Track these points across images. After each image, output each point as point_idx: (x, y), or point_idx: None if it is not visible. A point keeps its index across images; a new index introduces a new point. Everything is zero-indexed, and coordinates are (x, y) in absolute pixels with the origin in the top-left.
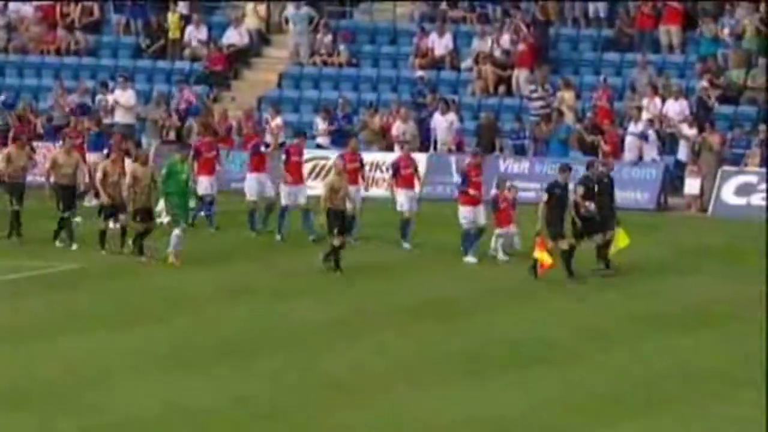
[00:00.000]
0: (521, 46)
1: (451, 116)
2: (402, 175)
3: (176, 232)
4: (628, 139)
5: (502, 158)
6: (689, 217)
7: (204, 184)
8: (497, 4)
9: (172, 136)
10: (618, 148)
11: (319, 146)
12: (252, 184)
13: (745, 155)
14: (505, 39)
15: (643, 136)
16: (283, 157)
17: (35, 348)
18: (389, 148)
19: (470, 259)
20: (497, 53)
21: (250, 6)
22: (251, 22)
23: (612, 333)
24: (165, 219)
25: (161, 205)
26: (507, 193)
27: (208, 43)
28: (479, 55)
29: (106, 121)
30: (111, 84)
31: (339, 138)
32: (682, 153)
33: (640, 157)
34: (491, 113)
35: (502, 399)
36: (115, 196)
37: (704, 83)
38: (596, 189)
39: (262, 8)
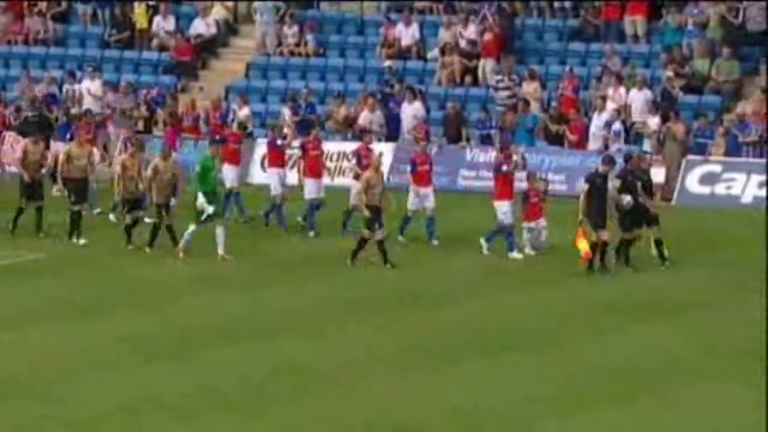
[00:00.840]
0: (487, 37)
1: (418, 105)
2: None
3: (219, 230)
4: (593, 129)
5: (469, 148)
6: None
7: (230, 176)
8: None
9: (140, 126)
10: (583, 138)
11: (284, 136)
12: (273, 179)
13: (709, 145)
14: (472, 29)
15: (608, 126)
16: (300, 152)
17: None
18: (356, 138)
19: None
20: (463, 43)
21: None
22: (218, 13)
23: (584, 321)
24: (209, 209)
25: (201, 199)
26: (538, 186)
27: (176, 33)
28: (446, 46)
29: (74, 110)
30: (79, 74)
31: (303, 128)
32: (647, 143)
33: (606, 147)
34: (458, 103)
35: (476, 386)
36: (133, 190)
37: (669, 73)
38: (635, 183)
39: None
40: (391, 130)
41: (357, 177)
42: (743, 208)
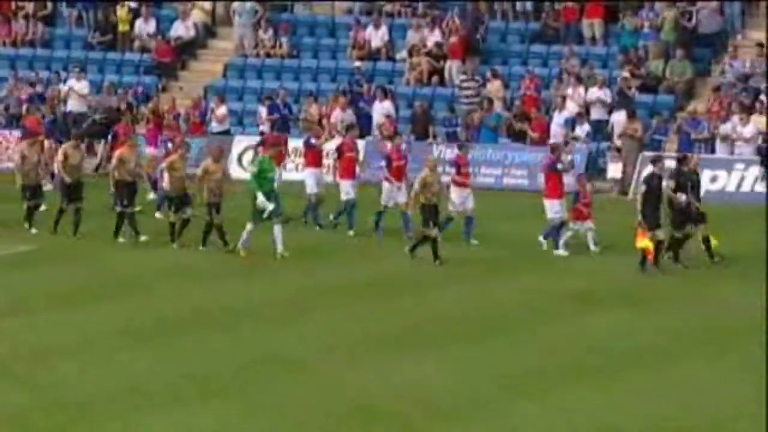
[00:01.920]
0: (453, 39)
1: (387, 104)
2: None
3: (251, 227)
4: (554, 127)
5: (435, 145)
6: (611, 200)
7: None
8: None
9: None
10: (544, 135)
11: (262, 133)
12: (310, 179)
13: (664, 141)
14: (438, 32)
15: (569, 123)
16: (336, 153)
17: None
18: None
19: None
20: (430, 45)
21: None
22: (197, 16)
23: (542, 310)
24: (269, 206)
25: (261, 198)
26: (588, 189)
27: (157, 35)
28: (413, 47)
29: (60, 109)
30: (64, 74)
31: (282, 126)
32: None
33: (566, 143)
34: (425, 102)
35: (437, 372)
36: (180, 189)
37: (625, 73)
38: (686, 183)
39: (207, 2)
40: (362, 127)
41: (387, 179)
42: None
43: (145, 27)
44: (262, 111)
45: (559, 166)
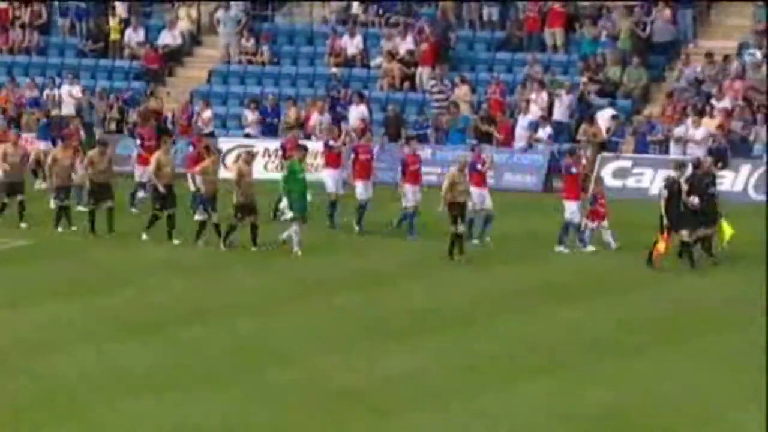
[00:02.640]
0: (424, 47)
1: (362, 108)
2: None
3: (295, 227)
4: (518, 129)
5: (407, 146)
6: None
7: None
8: (402, 7)
9: (113, 126)
10: (510, 137)
11: (247, 135)
12: (328, 180)
13: (621, 143)
14: (409, 40)
15: (532, 126)
16: (353, 155)
17: None
18: (307, 137)
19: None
20: (402, 53)
21: (182, 10)
22: (183, 25)
23: (508, 301)
24: (288, 215)
25: (285, 202)
26: (603, 191)
27: (145, 43)
28: (387, 55)
29: (54, 112)
30: (58, 80)
31: (267, 129)
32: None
33: (530, 145)
34: (397, 106)
35: (406, 361)
36: (213, 191)
37: (584, 79)
38: (699, 186)
39: (193, 12)
40: (339, 130)
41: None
42: (650, 199)
43: (134, 35)
44: (248, 114)
45: (574, 170)
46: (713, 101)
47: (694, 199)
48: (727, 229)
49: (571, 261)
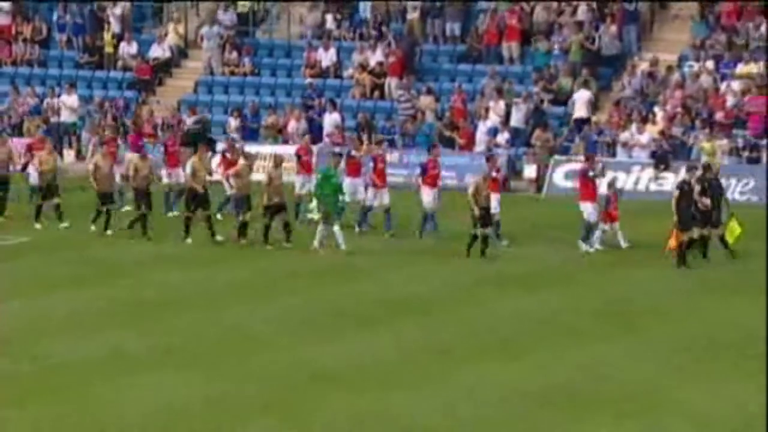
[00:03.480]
0: (392, 59)
1: (335, 115)
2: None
3: (323, 227)
4: (479, 135)
5: (383, 151)
6: (527, 197)
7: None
8: (372, 23)
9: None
10: (471, 141)
11: (232, 139)
12: (349, 188)
13: (572, 147)
14: (379, 53)
15: (491, 132)
16: (371, 164)
17: None
18: (285, 142)
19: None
20: (372, 65)
21: (171, 26)
22: (172, 39)
23: (469, 292)
24: (316, 216)
25: (314, 203)
26: (616, 194)
27: (137, 56)
28: (358, 66)
29: (53, 120)
30: (57, 90)
31: (250, 134)
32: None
33: (489, 149)
34: (368, 113)
35: (377, 345)
36: (278, 199)
37: (538, 89)
38: (706, 187)
39: (180, 28)
40: (314, 135)
41: (419, 188)
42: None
43: (127, 49)
44: (231, 122)
45: (591, 173)
46: (656, 109)
47: (706, 200)
48: (735, 229)
49: (523, 255)
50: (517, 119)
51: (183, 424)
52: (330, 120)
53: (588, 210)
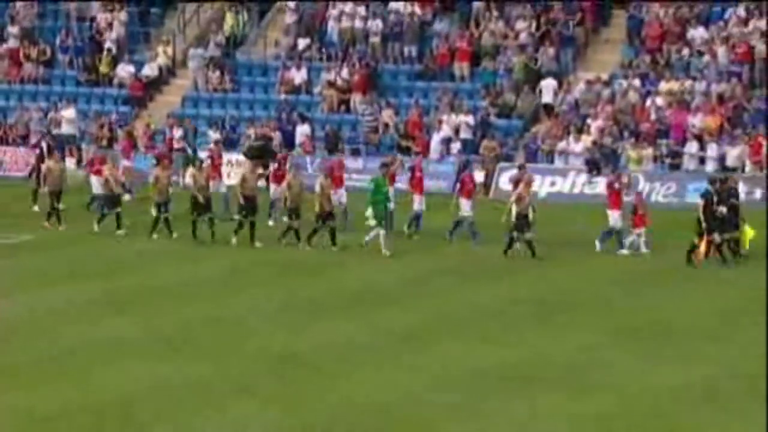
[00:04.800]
0: (356, 77)
1: (306, 127)
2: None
3: (381, 232)
4: (433, 144)
5: (344, 158)
6: (476, 200)
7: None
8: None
9: (104, 143)
10: (426, 150)
11: (215, 143)
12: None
13: (514, 155)
14: (345, 72)
15: (444, 142)
16: (409, 173)
17: None
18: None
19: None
20: (339, 82)
21: (160, 48)
22: (161, 60)
23: (427, 283)
24: (372, 222)
25: (369, 211)
26: (642, 201)
27: (131, 75)
28: (326, 84)
29: (55, 131)
30: (60, 104)
31: (228, 143)
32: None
33: (442, 157)
34: (335, 126)
35: (344, 331)
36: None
37: (486, 104)
38: (722, 197)
39: (169, 50)
40: (288, 145)
41: (457, 202)
42: (540, 201)
43: (122, 68)
44: (211, 133)
45: (617, 185)
46: (589, 121)
47: (723, 209)
48: (749, 232)
49: (469, 250)
50: (466, 131)
51: (170, 403)
52: (301, 131)
53: (614, 217)
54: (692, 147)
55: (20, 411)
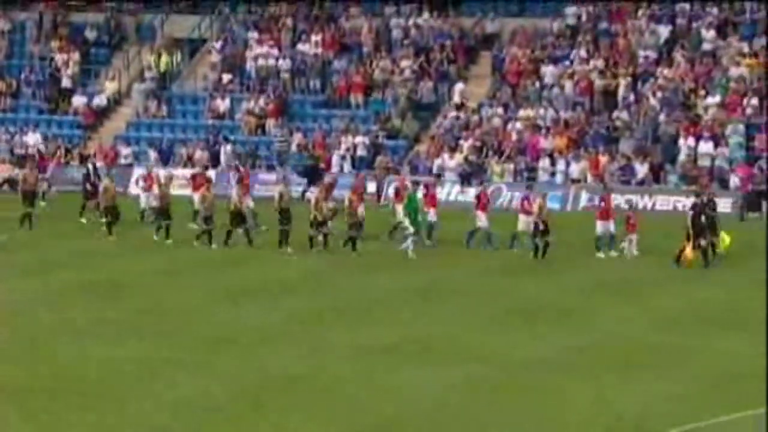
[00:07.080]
0: (270, 106)
1: (229, 147)
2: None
3: (414, 238)
4: (335, 160)
5: (260, 172)
6: (371, 208)
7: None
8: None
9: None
10: (329, 166)
11: (157, 160)
12: (401, 211)
13: (401, 170)
14: (261, 101)
15: (343, 158)
16: (424, 190)
17: None
18: (193, 166)
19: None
20: (257, 110)
21: (108, 82)
22: (109, 92)
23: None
24: (411, 229)
25: (406, 221)
26: (633, 211)
27: (85, 104)
28: (246, 111)
29: (17, 151)
30: (25, 129)
31: (164, 161)
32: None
33: (341, 169)
34: (253, 146)
35: (269, 314)
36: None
37: (376, 127)
38: (704, 209)
39: (115, 84)
40: (214, 162)
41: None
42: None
43: (78, 99)
44: (151, 153)
45: (603, 204)
46: (461, 141)
47: (703, 218)
48: (726, 238)
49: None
50: (362, 149)
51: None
52: (225, 150)
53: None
54: (545, 163)
55: None
